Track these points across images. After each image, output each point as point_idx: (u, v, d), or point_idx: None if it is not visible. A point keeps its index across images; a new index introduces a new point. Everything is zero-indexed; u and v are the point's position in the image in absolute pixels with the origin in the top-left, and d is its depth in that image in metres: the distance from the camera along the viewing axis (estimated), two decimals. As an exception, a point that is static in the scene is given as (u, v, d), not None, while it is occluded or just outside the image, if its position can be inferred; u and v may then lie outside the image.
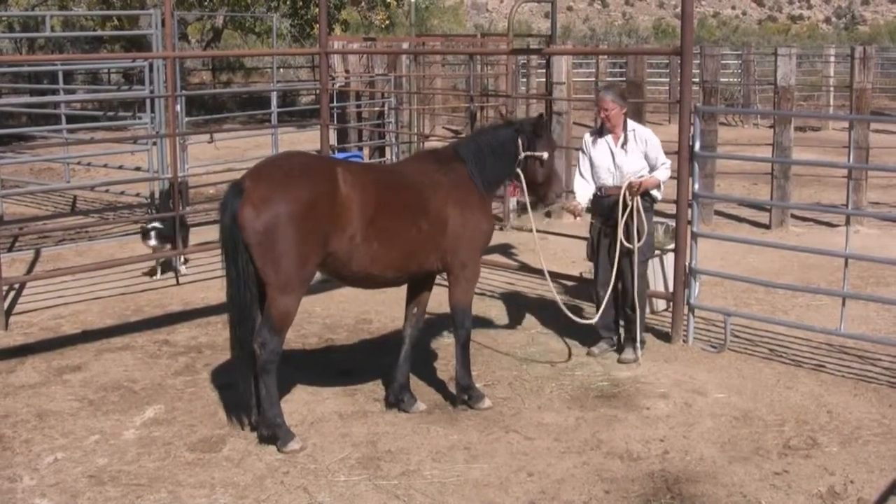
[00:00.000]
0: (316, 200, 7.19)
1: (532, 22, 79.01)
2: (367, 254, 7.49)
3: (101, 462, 7.29)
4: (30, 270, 12.92)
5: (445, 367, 9.26)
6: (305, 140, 20.41)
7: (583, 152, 9.76)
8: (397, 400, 8.23)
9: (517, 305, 11.31)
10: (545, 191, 8.65)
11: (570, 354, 9.64)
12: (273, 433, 7.43)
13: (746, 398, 8.49)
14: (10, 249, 13.85)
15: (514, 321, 10.72)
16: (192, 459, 7.33)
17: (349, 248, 7.39)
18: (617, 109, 9.44)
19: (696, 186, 10.13)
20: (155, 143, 15.57)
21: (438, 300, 9.41)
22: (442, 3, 63.73)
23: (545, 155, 8.45)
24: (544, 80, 18.01)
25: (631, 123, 9.58)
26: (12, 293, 11.66)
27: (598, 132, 9.69)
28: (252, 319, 7.39)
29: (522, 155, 8.36)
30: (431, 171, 8.06)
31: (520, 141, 8.35)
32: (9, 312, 10.90)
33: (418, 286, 8.28)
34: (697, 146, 9.95)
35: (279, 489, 6.85)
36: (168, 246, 12.35)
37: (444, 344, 9.83)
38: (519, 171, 8.41)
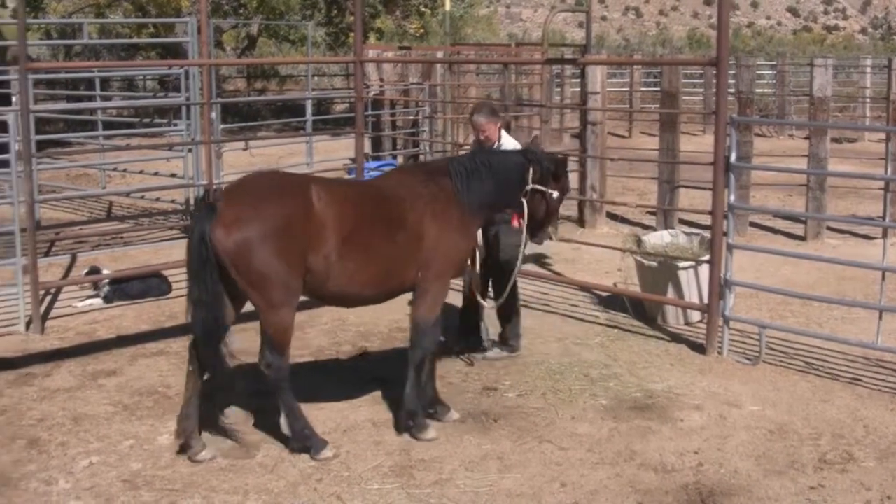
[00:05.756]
0: (288, 220, 7.08)
1: (566, 31, 78.96)
2: (343, 273, 7.34)
3: (136, 466, 7.32)
4: (66, 275, 13.00)
5: (478, 376, 9.27)
6: (340, 148, 20.45)
7: None
8: (429, 413, 8.15)
9: (551, 315, 11.28)
10: (538, 230, 8.50)
11: (604, 365, 9.60)
12: (303, 445, 7.43)
13: (781, 411, 8.43)
14: (46, 254, 13.92)
15: (548, 331, 10.69)
16: (226, 465, 7.34)
17: (325, 267, 7.25)
18: (493, 126, 9.46)
19: (732, 198, 10.08)
20: (190, 150, 15.67)
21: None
22: (476, 13, 63.69)
23: (555, 194, 8.28)
24: (579, 89, 18.01)
25: (503, 137, 9.59)
26: (48, 297, 11.73)
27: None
28: (216, 341, 7.27)
29: (529, 186, 8.14)
30: (413, 183, 7.82)
31: (531, 171, 8.13)
32: (45, 317, 10.98)
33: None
34: (734, 157, 9.90)
35: (312, 496, 6.86)
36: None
37: (479, 353, 9.86)
38: (524, 201, 8.18)
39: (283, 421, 7.50)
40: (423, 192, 7.73)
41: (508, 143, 9.56)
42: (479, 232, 8.91)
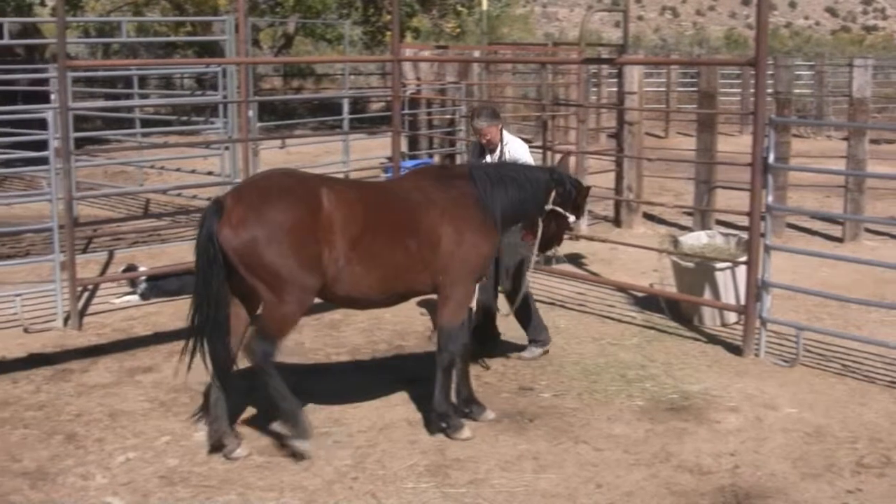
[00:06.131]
0: (295, 222, 7.04)
1: (602, 31, 78.71)
2: (350, 276, 7.29)
3: (172, 463, 7.36)
4: (103, 272, 13.08)
5: (514, 376, 9.26)
6: (376, 147, 20.45)
7: None
8: (464, 412, 8.14)
9: (587, 316, 11.26)
10: (542, 249, 8.52)
11: (640, 366, 9.57)
12: (291, 427, 7.37)
13: (819, 414, 8.38)
14: (84, 251, 14.01)
15: (584, 331, 10.67)
16: (262, 462, 7.37)
17: (334, 270, 7.21)
18: (494, 129, 9.42)
19: (770, 199, 10.03)
20: (227, 148, 15.75)
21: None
22: (512, 12, 63.63)
23: (571, 218, 8.29)
24: (615, 89, 17.96)
25: (507, 137, 9.57)
26: (86, 294, 11.81)
27: (480, 154, 9.68)
28: (223, 339, 7.27)
29: (549, 206, 8.12)
30: (428, 187, 7.75)
31: (553, 192, 8.11)
32: (82, 313, 11.05)
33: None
34: (772, 158, 9.84)
35: (348, 494, 6.87)
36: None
37: (514, 353, 9.86)
38: (540, 221, 8.17)
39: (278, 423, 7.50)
40: (442, 197, 7.68)
41: (514, 143, 9.55)
42: None
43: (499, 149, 9.44)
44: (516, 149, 9.42)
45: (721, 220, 15.34)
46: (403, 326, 10.74)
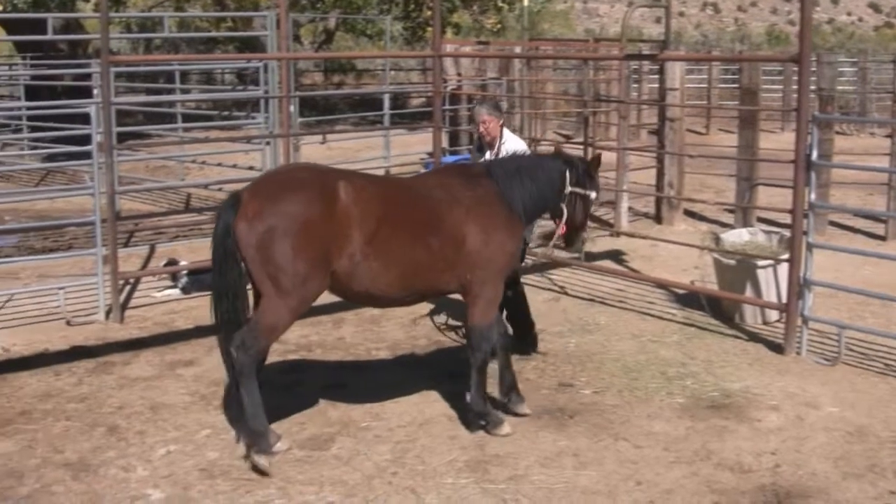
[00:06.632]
0: (311, 217, 6.98)
1: (643, 27, 78.46)
2: (367, 273, 7.22)
3: (213, 456, 7.40)
4: (144, 266, 13.16)
5: (554, 373, 9.25)
6: (417, 142, 20.50)
7: None
8: (505, 401, 8.13)
9: (627, 313, 11.22)
10: (575, 234, 8.40)
11: (680, 364, 9.53)
12: (251, 440, 7.18)
13: (861, 413, 8.31)
14: (125, 244, 14.11)
15: (624, 328, 10.64)
16: (302, 456, 7.39)
17: (349, 266, 7.14)
18: (494, 122, 9.39)
19: (813, 196, 9.95)
20: (268, 143, 15.81)
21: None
22: (553, 8, 63.56)
23: (592, 194, 8.21)
24: (656, 85, 17.88)
25: (506, 134, 9.52)
26: (128, 287, 11.89)
27: (479, 149, 9.65)
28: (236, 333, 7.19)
29: (568, 190, 8.06)
30: (453, 185, 7.69)
31: (568, 175, 8.04)
32: (124, 306, 11.12)
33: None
34: (815, 155, 9.76)
35: (387, 489, 6.88)
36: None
37: (553, 349, 9.85)
38: (563, 206, 8.09)
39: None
40: (466, 195, 7.63)
41: (513, 141, 9.49)
42: None
43: (497, 144, 9.40)
44: (514, 147, 9.22)
45: (762, 217, 15.24)
46: (443, 322, 10.73)
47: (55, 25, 16.74)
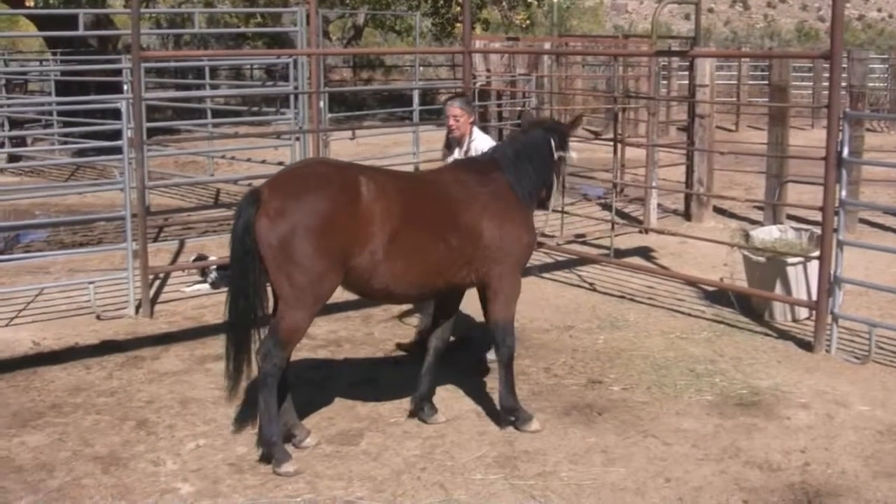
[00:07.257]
0: (334, 213, 6.86)
1: (672, 24, 78.09)
2: (388, 271, 7.13)
3: (241, 450, 7.41)
4: (174, 260, 13.21)
5: (584, 369, 9.23)
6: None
7: None
8: (417, 410, 7.99)
9: (656, 309, 11.19)
10: (553, 196, 8.31)
11: (709, 361, 9.49)
12: (269, 452, 7.12)
13: (891, 412, 8.25)
14: (155, 239, 14.17)
15: (653, 325, 10.60)
16: (330, 452, 7.40)
17: (370, 263, 7.05)
18: (465, 117, 9.28)
19: (843, 193, 9.89)
20: (298, 139, 15.83)
21: (572, 305, 9.28)
22: (582, 4, 63.40)
23: (574, 155, 8.24)
24: (686, 82, 17.83)
25: (475, 132, 9.41)
26: (157, 282, 11.94)
27: (448, 146, 9.55)
28: (250, 334, 7.17)
29: (556, 156, 8.03)
30: (468, 181, 7.63)
31: (552, 142, 8.00)
32: (154, 301, 11.17)
33: (447, 299, 7.99)
34: (846, 152, 9.70)
35: (416, 485, 6.88)
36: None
37: (583, 346, 9.83)
38: (554, 175, 8.10)
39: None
40: (482, 191, 7.59)
41: (480, 138, 9.38)
42: None
43: (466, 142, 9.30)
44: (483, 146, 9.07)
45: (792, 214, 15.17)
46: (471, 318, 10.72)
47: (86, 21, 16.78)
